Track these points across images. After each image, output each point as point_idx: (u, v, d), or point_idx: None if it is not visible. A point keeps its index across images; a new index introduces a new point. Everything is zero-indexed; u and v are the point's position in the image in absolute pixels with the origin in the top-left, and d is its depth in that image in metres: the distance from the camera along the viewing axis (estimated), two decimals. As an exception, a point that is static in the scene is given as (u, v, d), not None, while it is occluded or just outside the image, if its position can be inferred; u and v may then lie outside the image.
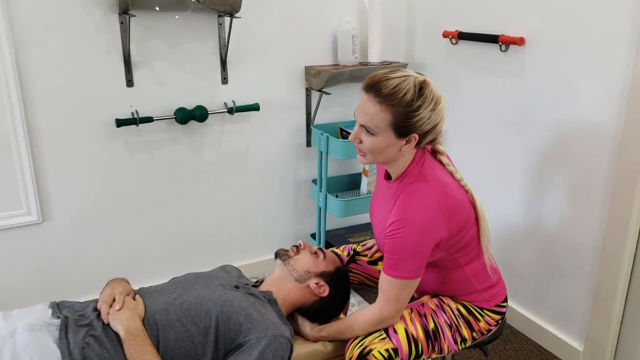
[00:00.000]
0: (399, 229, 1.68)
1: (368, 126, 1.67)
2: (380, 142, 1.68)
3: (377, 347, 1.76)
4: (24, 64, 2.44)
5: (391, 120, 1.64)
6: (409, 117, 1.63)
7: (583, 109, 2.33)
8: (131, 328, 1.57)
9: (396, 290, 1.74)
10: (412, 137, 1.68)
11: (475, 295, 1.90)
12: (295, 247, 1.97)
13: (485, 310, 1.90)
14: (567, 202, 2.47)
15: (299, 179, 3.26)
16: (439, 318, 1.86)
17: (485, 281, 1.90)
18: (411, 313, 1.85)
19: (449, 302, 1.90)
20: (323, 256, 1.94)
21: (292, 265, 1.90)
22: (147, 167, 2.82)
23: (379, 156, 1.74)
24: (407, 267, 1.70)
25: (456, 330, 1.86)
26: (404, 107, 1.62)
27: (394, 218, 1.70)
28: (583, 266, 2.45)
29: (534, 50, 2.49)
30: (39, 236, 2.69)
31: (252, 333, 1.63)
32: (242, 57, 2.87)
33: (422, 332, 1.82)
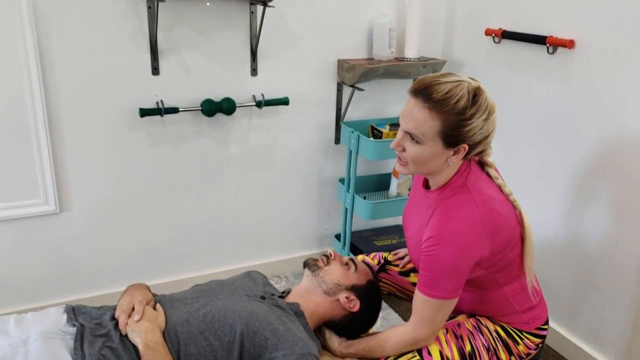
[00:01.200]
0: (436, 246, 1.56)
1: (414, 133, 1.55)
2: (425, 152, 1.56)
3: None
4: (46, 49, 2.35)
5: (440, 129, 1.51)
6: (460, 126, 1.51)
7: (633, 121, 2.19)
8: (150, 342, 1.48)
9: (432, 311, 1.63)
10: (462, 148, 1.56)
11: (515, 317, 1.78)
12: (326, 256, 1.87)
13: (525, 332, 1.79)
14: (610, 218, 2.34)
15: (325, 177, 3.15)
16: (476, 340, 1.75)
17: (525, 302, 1.78)
18: (447, 334, 1.75)
19: (487, 324, 1.79)
20: (355, 268, 1.84)
21: (321, 277, 1.80)
22: (170, 159, 2.73)
23: (422, 167, 1.62)
24: (444, 286, 1.59)
25: (494, 354, 1.76)
26: (455, 115, 1.50)
27: (431, 233, 1.59)
28: (623, 285, 2.33)
29: (584, 55, 2.34)
30: (55, 227, 2.61)
31: (279, 350, 1.54)
32: (273, 48, 2.76)
33: (458, 354, 1.72)
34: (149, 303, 1.61)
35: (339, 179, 3.15)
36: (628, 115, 2.21)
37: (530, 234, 1.70)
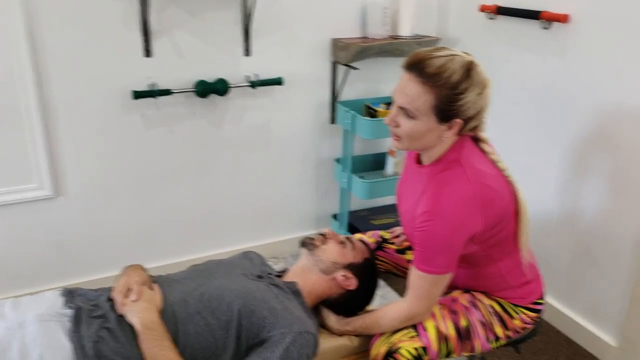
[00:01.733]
0: (430, 221, 1.56)
1: (408, 108, 1.53)
2: (419, 127, 1.55)
3: (405, 346, 1.66)
4: (36, 32, 2.33)
5: (434, 103, 1.50)
6: (453, 101, 1.50)
7: (629, 95, 2.19)
8: (148, 321, 1.47)
9: (427, 286, 1.63)
10: (455, 123, 1.55)
11: (510, 292, 1.78)
12: (322, 235, 1.86)
13: (520, 307, 1.79)
14: (607, 192, 2.34)
15: (321, 158, 3.14)
16: (471, 315, 1.75)
17: (520, 277, 1.78)
18: (442, 309, 1.75)
19: (482, 299, 1.79)
20: (351, 246, 1.83)
21: (318, 256, 1.79)
22: (165, 141, 2.71)
23: (416, 142, 1.60)
24: (439, 261, 1.59)
25: (489, 329, 1.75)
26: (449, 89, 1.49)
27: (424, 209, 1.58)
28: (621, 260, 2.34)
29: (578, 29, 2.33)
30: (51, 211, 2.60)
31: (276, 328, 1.54)
32: (266, 28, 2.74)
33: (454, 330, 1.72)
34: (146, 283, 1.60)
35: (335, 159, 3.14)
36: (623, 89, 2.20)
37: (525, 210, 1.69)
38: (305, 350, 1.54)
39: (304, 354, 1.54)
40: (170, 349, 1.45)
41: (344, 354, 1.79)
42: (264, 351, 1.51)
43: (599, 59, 2.27)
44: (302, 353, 1.53)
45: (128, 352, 1.44)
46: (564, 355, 2.51)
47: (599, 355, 2.49)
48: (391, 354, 1.66)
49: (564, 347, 2.56)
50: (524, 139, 2.68)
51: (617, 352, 2.40)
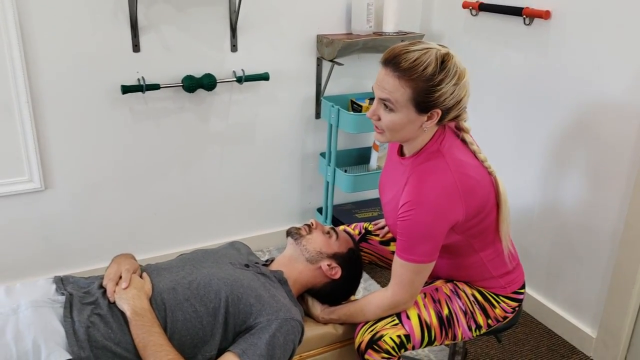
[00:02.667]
0: (411, 211, 1.60)
1: (387, 102, 1.58)
2: (399, 119, 1.59)
3: (388, 333, 1.71)
4: (27, 27, 2.35)
5: (411, 96, 1.55)
6: (430, 92, 1.55)
7: (609, 90, 2.24)
8: (138, 308, 1.50)
9: (410, 275, 1.67)
10: (435, 113, 1.59)
11: (491, 282, 1.83)
12: (308, 225, 1.90)
13: (501, 296, 1.83)
14: (587, 185, 2.39)
15: (306, 152, 3.17)
16: (453, 304, 1.79)
17: (501, 267, 1.82)
18: (425, 298, 1.79)
19: (465, 288, 1.83)
20: (336, 236, 1.87)
21: (304, 245, 1.83)
22: (153, 135, 2.74)
23: (397, 134, 1.64)
24: (421, 250, 1.63)
25: (471, 317, 1.80)
26: (424, 82, 1.53)
27: (406, 199, 1.62)
28: (600, 252, 2.39)
29: (560, 25, 2.39)
30: (41, 204, 2.62)
31: (263, 315, 1.57)
32: (253, 24, 2.77)
33: (436, 318, 1.76)
34: (136, 271, 1.63)
35: (320, 153, 3.18)
36: (603, 83, 2.26)
37: (505, 200, 1.74)
38: (291, 337, 1.58)
39: (290, 340, 1.58)
40: (160, 334, 1.48)
41: (329, 342, 1.82)
42: (250, 337, 1.54)
43: (579, 53, 2.33)
44: (288, 339, 1.57)
45: (119, 338, 1.46)
46: (544, 346, 2.56)
47: (578, 346, 2.55)
48: (375, 341, 1.70)
49: (544, 338, 2.61)
50: (506, 133, 2.73)
51: (596, 343, 2.46)
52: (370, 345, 1.70)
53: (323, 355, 1.81)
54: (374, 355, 1.70)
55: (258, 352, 1.50)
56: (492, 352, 2.50)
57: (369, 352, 1.70)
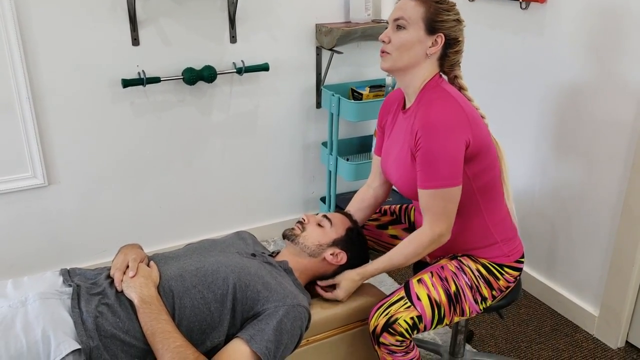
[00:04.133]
0: (426, 136, 1.67)
1: (401, 17, 1.71)
2: (409, 37, 1.71)
3: (402, 316, 1.74)
4: (26, 22, 2.36)
5: (423, 14, 1.70)
6: (439, 13, 1.71)
7: (605, 72, 2.25)
8: (145, 296, 1.52)
9: (441, 203, 1.71)
10: (439, 38, 1.72)
11: (495, 249, 1.86)
12: (300, 223, 1.89)
13: (505, 267, 1.88)
14: (586, 166, 2.41)
15: (308, 142, 3.19)
16: (459, 280, 1.83)
17: (504, 232, 1.88)
18: (432, 277, 1.82)
19: (469, 263, 1.86)
20: (329, 224, 1.87)
21: (302, 243, 1.83)
22: (155, 128, 2.76)
23: (404, 55, 1.73)
24: (444, 173, 1.67)
25: (477, 291, 1.84)
26: (436, 3, 1.71)
27: (418, 127, 1.69)
28: (600, 232, 2.41)
29: (556, 9, 2.39)
30: (44, 199, 2.65)
31: (270, 302, 1.59)
32: (251, 15, 2.78)
33: (445, 296, 1.79)
34: (143, 260, 1.65)
35: (321, 143, 3.19)
36: (599, 65, 2.27)
37: (504, 156, 1.87)
38: (298, 323, 1.60)
39: (297, 326, 1.60)
40: (168, 322, 1.50)
41: (335, 325, 1.84)
42: (258, 323, 1.56)
43: (575, 36, 2.34)
44: (295, 325, 1.59)
45: (127, 326, 1.48)
46: (548, 326, 2.59)
47: (581, 325, 2.57)
48: (390, 324, 1.73)
49: (548, 318, 2.64)
50: (503, 116, 2.74)
51: (598, 321, 2.49)
52: (385, 328, 1.73)
53: (329, 340, 1.84)
54: (389, 338, 1.73)
55: (266, 338, 1.52)
56: (496, 333, 2.53)
57: (384, 336, 1.73)
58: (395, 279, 2.89)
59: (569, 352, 2.44)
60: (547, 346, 2.47)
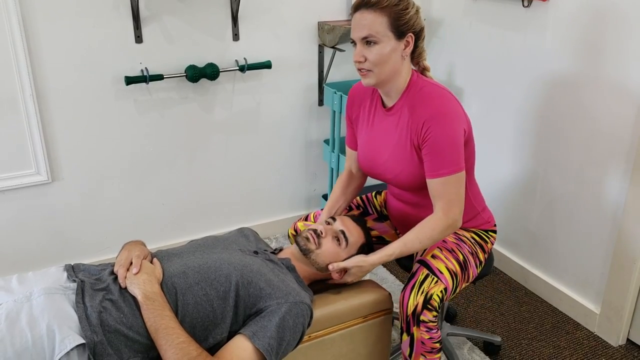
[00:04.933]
0: (433, 126, 1.73)
1: (370, 34, 1.71)
2: (384, 49, 1.73)
3: (435, 291, 1.79)
4: (30, 20, 2.37)
5: (388, 22, 1.71)
6: (401, 16, 1.72)
7: (609, 72, 2.26)
8: (149, 292, 1.53)
9: (453, 188, 1.77)
10: (409, 37, 1.76)
11: (478, 219, 2.01)
12: (316, 234, 1.82)
13: (489, 232, 2.05)
14: (588, 164, 2.41)
15: (310, 139, 3.20)
16: (463, 249, 1.93)
17: (481, 202, 2.04)
18: (442, 252, 1.90)
19: (463, 233, 1.99)
20: (345, 243, 1.83)
21: (313, 259, 1.80)
22: (158, 126, 2.77)
23: (385, 66, 1.75)
24: (452, 159, 1.74)
25: (476, 256, 1.97)
26: (394, 7, 1.71)
27: (422, 120, 1.74)
28: (602, 229, 2.42)
29: (558, 7, 2.40)
30: (48, 196, 2.66)
31: (273, 299, 1.60)
32: (254, 13, 2.79)
33: (458, 265, 1.89)
34: (146, 257, 1.66)
35: (323, 140, 3.20)
36: (604, 66, 2.27)
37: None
38: (301, 320, 1.61)
39: (299, 322, 1.61)
40: (171, 318, 1.51)
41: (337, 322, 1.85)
42: (261, 320, 1.57)
43: (578, 36, 2.34)
44: (298, 322, 1.60)
45: (131, 322, 1.49)
46: (549, 323, 2.60)
47: (582, 322, 2.58)
48: (428, 301, 1.77)
49: (549, 316, 2.64)
50: (506, 114, 2.75)
51: (600, 318, 2.49)
52: (425, 305, 1.77)
53: (331, 336, 1.84)
54: (428, 315, 1.77)
55: (268, 335, 1.54)
56: (497, 331, 2.54)
57: (425, 313, 1.77)
58: (397, 276, 2.90)
59: (570, 349, 2.45)
60: (548, 343, 2.48)
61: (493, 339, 2.42)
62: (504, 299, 2.76)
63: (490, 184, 2.84)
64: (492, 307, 2.70)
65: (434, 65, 3.15)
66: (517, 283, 2.88)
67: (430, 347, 1.80)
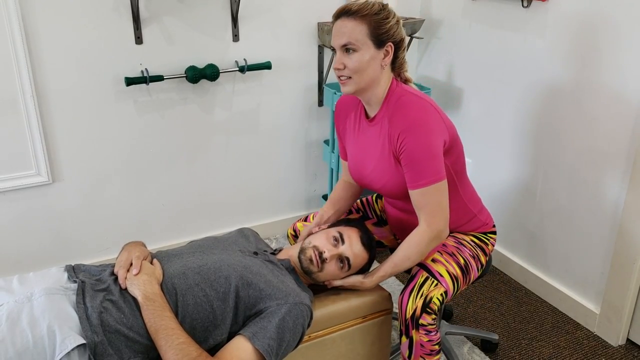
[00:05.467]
0: (406, 138, 1.72)
1: (349, 42, 1.72)
2: (363, 57, 1.73)
3: (434, 294, 1.79)
4: (30, 21, 2.37)
5: (367, 30, 1.72)
6: (381, 25, 1.73)
7: (608, 73, 2.26)
8: (149, 293, 1.53)
9: (434, 198, 1.76)
10: (389, 47, 1.76)
11: (475, 222, 2.01)
12: (321, 259, 1.76)
13: (488, 234, 2.05)
14: (587, 164, 2.42)
15: (310, 140, 3.20)
16: (464, 253, 1.94)
17: (477, 204, 2.02)
18: (442, 255, 1.90)
19: (463, 237, 1.99)
20: (347, 268, 1.81)
21: (314, 278, 1.80)
22: (158, 127, 2.77)
23: (364, 75, 1.75)
24: (431, 170, 1.73)
25: (478, 259, 1.97)
26: (374, 16, 1.72)
27: (397, 132, 1.75)
28: (602, 229, 2.42)
29: (558, 7, 2.40)
30: (49, 197, 2.66)
31: (273, 299, 1.61)
32: (254, 13, 2.79)
33: (459, 269, 1.89)
34: (147, 258, 1.67)
35: (323, 141, 3.21)
36: (603, 68, 2.27)
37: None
38: (300, 321, 1.62)
39: (299, 323, 1.62)
40: (171, 319, 1.51)
41: (337, 322, 1.86)
42: (261, 321, 1.58)
43: (578, 37, 2.34)
44: (297, 323, 1.61)
45: (131, 322, 1.50)
46: (549, 323, 2.60)
47: (582, 322, 2.58)
48: (427, 304, 1.78)
49: (549, 316, 2.65)
50: (505, 115, 2.76)
51: (600, 318, 2.50)
52: (424, 309, 1.78)
53: (330, 336, 1.85)
54: (427, 318, 1.78)
55: (268, 336, 1.54)
56: (497, 331, 2.54)
57: (424, 316, 1.78)
58: (397, 277, 2.90)
59: (570, 349, 2.45)
60: (548, 343, 2.48)
61: (490, 336, 2.43)
62: (504, 299, 2.77)
63: (489, 184, 2.85)
64: (492, 307, 2.71)
65: (434, 65, 3.16)
66: (517, 283, 2.88)
67: (429, 350, 1.81)
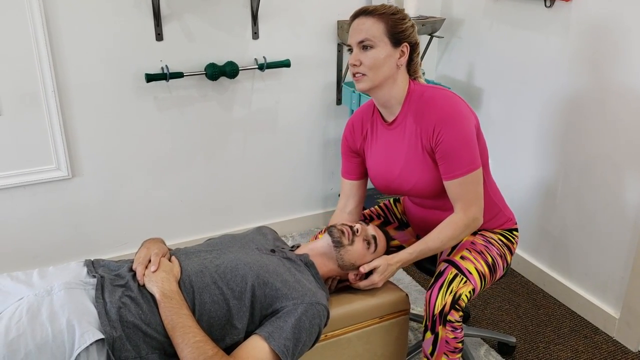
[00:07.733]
0: (444, 128, 1.75)
1: (366, 38, 1.75)
2: (379, 54, 1.75)
3: (463, 292, 1.80)
4: (52, 18, 2.39)
5: (385, 28, 1.75)
6: (399, 24, 1.77)
7: (633, 75, 2.23)
8: (167, 290, 1.54)
9: (471, 188, 1.80)
10: (405, 47, 1.79)
11: (501, 217, 2.01)
12: (352, 231, 1.83)
13: (513, 231, 2.05)
14: (609, 166, 2.39)
15: (328, 138, 3.20)
16: (492, 251, 1.94)
17: (500, 198, 2.03)
18: (471, 253, 1.90)
19: (491, 235, 1.99)
20: (374, 249, 1.84)
21: (341, 255, 1.80)
22: (177, 123, 2.78)
23: (379, 72, 1.77)
24: (467, 159, 1.77)
25: (504, 258, 1.98)
26: (392, 15, 1.77)
27: (432, 125, 1.77)
28: (623, 233, 2.39)
29: (581, 6, 2.37)
30: (68, 191, 2.68)
31: (289, 299, 1.61)
32: (274, 11, 2.79)
33: (486, 267, 1.90)
34: (165, 255, 1.67)
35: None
36: (628, 70, 2.24)
37: None
38: (317, 321, 1.61)
39: (316, 324, 1.61)
40: (188, 316, 1.51)
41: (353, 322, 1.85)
42: (277, 320, 1.58)
43: (602, 38, 2.32)
44: (314, 323, 1.60)
45: (149, 319, 1.50)
46: (567, 327, 2.58)
47: (600, 326, 2.56)
48: (456, 301, 1.78)
49: (567, 319, 2.62)
50: (526, 116, 2.73)
51: (619, 323, 2.47)
52: (452, 305, 1.78)
53: (347, 336, 1.84)
54: (455, 314, 1.78)
55: (284, 336, 1.54)
56: (514, 334, 2.52)
57: (452, 313, 1.78)
58: (414, 277, 2.89)
59: (588, 353, 2.43)
60: (566, 347, 2.46)
61: (507, 339, 2.41)
62: (522, 302, 2.74)
63: (509, 185, 2.83)
64: (510, 310, 2.69)
65: (454, 65, 3.14)
66: (535, 286, 2.86)
67: (453, 347, 1.81)
